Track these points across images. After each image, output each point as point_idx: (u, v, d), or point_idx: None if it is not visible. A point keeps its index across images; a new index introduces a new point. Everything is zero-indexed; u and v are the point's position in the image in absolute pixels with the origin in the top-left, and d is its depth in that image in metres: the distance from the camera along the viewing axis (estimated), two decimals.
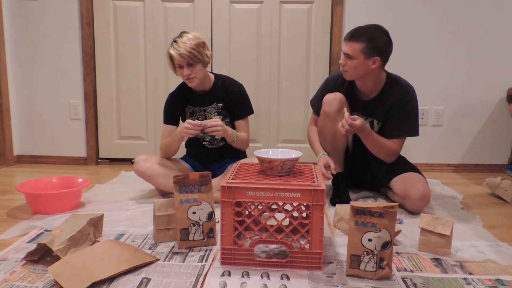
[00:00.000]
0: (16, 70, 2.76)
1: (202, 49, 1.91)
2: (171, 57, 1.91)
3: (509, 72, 2.68)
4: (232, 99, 2.06)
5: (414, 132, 1.89)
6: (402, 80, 1.90)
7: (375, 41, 1.74)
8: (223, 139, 2.06)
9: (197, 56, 1.88)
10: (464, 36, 2.64)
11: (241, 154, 2.19)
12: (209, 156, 2.09)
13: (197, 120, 1.85)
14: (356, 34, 1.75)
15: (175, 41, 1.89)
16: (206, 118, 2.05)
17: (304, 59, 2.76)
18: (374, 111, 1.92)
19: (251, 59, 2.77)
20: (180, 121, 2.09)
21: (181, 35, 1.91)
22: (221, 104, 2.05)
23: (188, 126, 1.81)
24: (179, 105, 2.08)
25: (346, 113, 1.71)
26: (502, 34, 2.63)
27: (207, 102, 2.05)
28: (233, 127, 2.09)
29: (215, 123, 1.83)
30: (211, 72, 2.09)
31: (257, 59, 2.77)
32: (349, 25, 2.64)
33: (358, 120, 1.72)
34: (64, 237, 1.32)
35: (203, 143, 2.12)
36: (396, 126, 1.87)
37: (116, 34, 2.76)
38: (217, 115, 2.05)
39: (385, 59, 1.80)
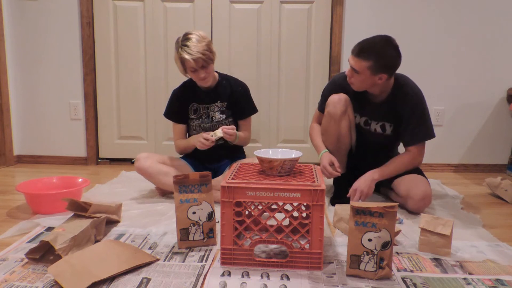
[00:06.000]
0: (16, 70, 2.76)
1: (211, 47, 1.92)
2: (183, 62, 1.89)
3: (509, 72, 2.68)
4: (236, 99, 2.07)
5: (430, 135, 1.85)
6: (409, 81, 1.87)
7: (383, 59, 1.69)
8: (221, 138, 2.06)
9: (210, 57, 1.90)
10: (464, 36, 2.64)
11: (241, 155, 2.20)
12: (209, 156, 2.09)
13: (211, 134, 1.91)
14: (364, 51, 1.69)
15: (185, 45, 1.86)
16: (209, 116, 2.06)
17: (304, 59, 2.76)
18: (384, 114, 1.90)
19: (251, 59, 2.77)
20: (197, 131, 2.09)
21: (187, 37, 1.88)
22: (225, 103, 2.06)
23: (204, 142, 1.89)
24: (183, 102, 2.09)
25: (356, 197, 1.80)
26: (502, 34, 2.63)
27: (211, 100, 2.06)
28: (236, 125, 2.10)
29: (230, 134, 1.91)
30: (215, 71, 2.09)
31: (257, 59, 2.77)
32: (349, 25, 2.64)
33: (366, 188, 1.79)
34: (67, 236, 1.32)
35: None
36: (412, 134, 1.84)
37: (116, 34, 2.76)
38: (220, 114, 2.06)
39: (391, 73, 1.77)
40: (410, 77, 1.89)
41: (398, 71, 1.80)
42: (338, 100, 1.89)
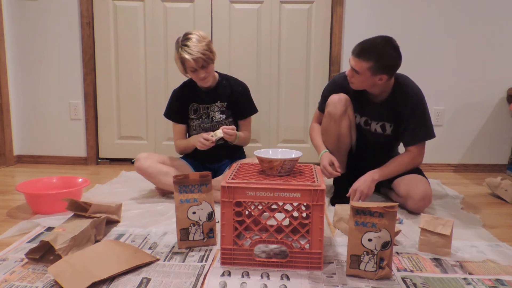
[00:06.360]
0: (16, 70, 2.76)
1: (211, 47, 1.93)
2: (183, 61, 1.90)
3: (509, 72, 2.68)
4: (236, 99, 2.08)
5: (430, 135, 1.85)
6: (409, 81, 1.87)
7: (383, 59, 1.69)
8: (221, 138, 2.06)
9: (210, 57, 1.91)
10: (464, 36, 2.64)
11: (241, 155, 2.20)
12: (209, 156, 2.09)
13: (211, 134, 1.91)
14: (364, 51, 1.69)
15: (185, 45, 1.86)
16: (209, 116, 2.06)
17: (304, 59, 2.76)
18: (384, 114, 1.90)
19: (251, 59, 2.77)
20: (197, 131, 2.09)
21: (187, 37, 1.88)
22: (225, 103, 2.06)
23: (204, 142, 1.90)
24: (183, 102, 2.09)
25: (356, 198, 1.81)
26: (502, 34, 2.63)
27: (211, 100, 2.06)
28: (236, 125, 2.10)
29: (230, 134, 1.91)
30: (215, 71, 2.09)
31: (257, 59, 2.77)
32: (349, 25, 2.64)
33: (366, 189, 1.79)
34: (67, 236, 1.32)
35: None
36: (412, 134, 1.84)
37: (116, 34, 2.76)
38: (220, 114, 2.06)
39: (392, 74, 1.76)
40: (410, 77, 1.89)
41: (399, 71, 1.80)
42: (338, 100, 1.89)
